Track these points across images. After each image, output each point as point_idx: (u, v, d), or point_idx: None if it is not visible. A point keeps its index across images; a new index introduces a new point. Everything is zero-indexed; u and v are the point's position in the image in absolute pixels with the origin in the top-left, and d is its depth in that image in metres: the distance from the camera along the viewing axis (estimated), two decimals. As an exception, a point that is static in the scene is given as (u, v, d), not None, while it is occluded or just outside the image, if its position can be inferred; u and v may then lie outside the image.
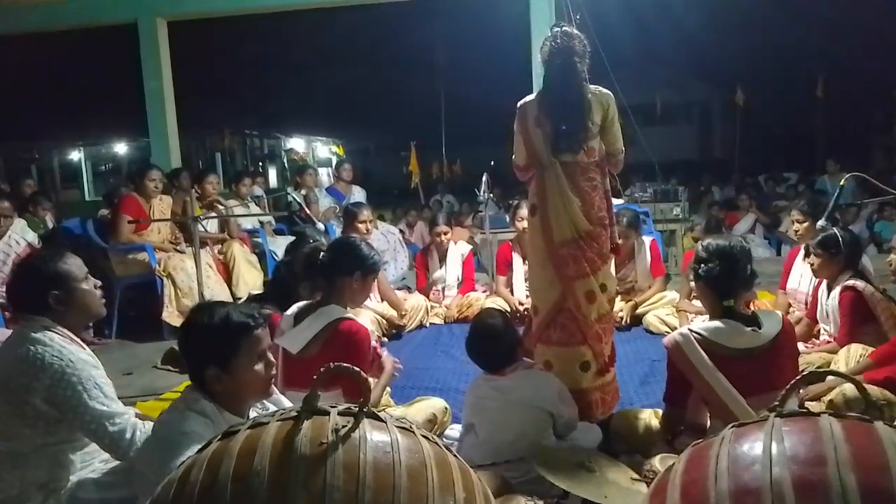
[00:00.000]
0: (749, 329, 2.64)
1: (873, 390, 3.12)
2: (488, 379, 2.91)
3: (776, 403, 1.18)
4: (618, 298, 5.24)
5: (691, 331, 2.68)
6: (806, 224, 4.38)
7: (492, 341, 2.95)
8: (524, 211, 4.66)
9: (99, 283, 2.65)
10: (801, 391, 3.36)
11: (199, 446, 1.29)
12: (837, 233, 3.93)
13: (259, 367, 2.05)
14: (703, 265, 2.74)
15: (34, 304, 2.50)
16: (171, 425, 1.96)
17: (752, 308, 3.44)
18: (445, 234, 6.10)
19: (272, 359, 2.12)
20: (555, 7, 6.42)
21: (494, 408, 2.80)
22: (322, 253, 3.14)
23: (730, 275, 2.72)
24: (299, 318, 3.00)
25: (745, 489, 1.05)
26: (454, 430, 3.25)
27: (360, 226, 5.66)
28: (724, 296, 2.71)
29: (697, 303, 4.56)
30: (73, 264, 2.56)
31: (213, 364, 1.98)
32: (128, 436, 2.38)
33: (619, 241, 5.25)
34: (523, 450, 2.67)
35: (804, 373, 1.29)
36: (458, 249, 6.14)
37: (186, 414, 1.96)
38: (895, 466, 1.03)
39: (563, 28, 3.33)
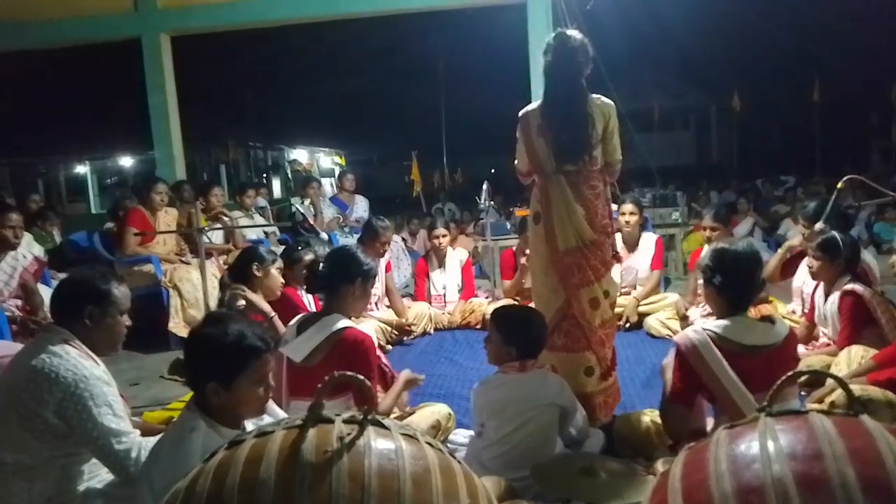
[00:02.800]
0: (762, 323, 2.66)
1: (875, 391, 3.14)
2: (506, 380, 2.86)
3: (765, 403, 1.20)
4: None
5: (705, 329, 2.68)
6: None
7: (531, 321, 2.98)
8: None
9: (130, 323, 2.67)
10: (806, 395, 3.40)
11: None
12: (837, 236, 3.95)
13: (260, 390, 2.06)
14: (716, 276, 2.71)
15: (70, 309, 2.54)
16: (172, 451, 1.97)
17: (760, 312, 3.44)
18: (444, 236, 6.12)
19: (272, 382, 2.13)
20: (552, 17, 6.47)
21: (512, 407, 2.78)
22: (321, 263, 3.18)
23: (745, 286, 2.73)
24: (302, 327, 3.03)
25: (748, 488, 1.06)
26: (458, 436, 3.27)
27: (379, 246, 5.51)
28: (739, 308, 2.71)
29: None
30: (123, 294, 2.61)
31: (216, 379, 1.99)
32: (133, 455, 2.38)
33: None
34: (533, 448, 2.70)
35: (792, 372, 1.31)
36: (456, 256, 6.18)
37: (185, 437, 1.96)
38: (888, 458, 1.05)
39: (565, 34, 3.32)
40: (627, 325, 5.38)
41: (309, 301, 4.50)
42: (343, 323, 2.98)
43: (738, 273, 2.71)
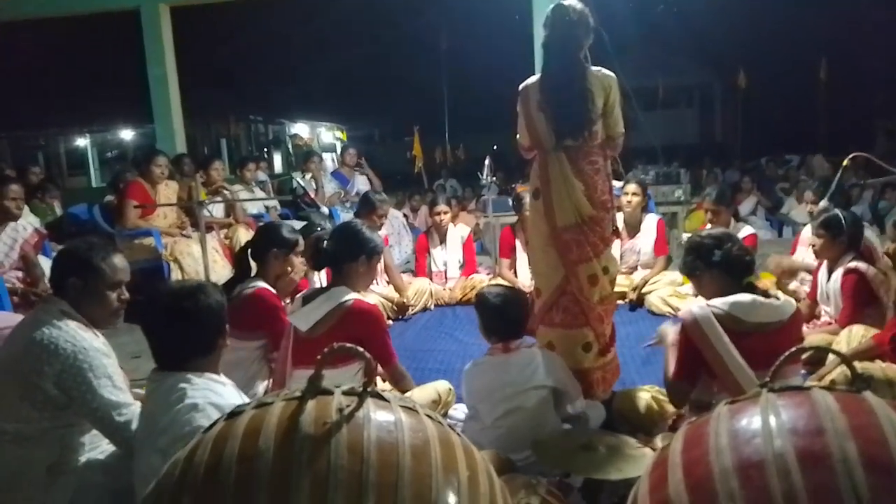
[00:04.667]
0: (768, 301, 2.65)
1: (875, 370, 3.15)
2: (493, 363, 2.89)
3: (767, 379, 1.20)
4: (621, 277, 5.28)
5: (710, 305, 2.67)
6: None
7: (506, 307, 2.95)
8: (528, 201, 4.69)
9: (126, 296, 2.61)
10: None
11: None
12: (840, 213, 3.93)
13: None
14: (715, 252, 2.72)
15: (57, 280, 2.55)
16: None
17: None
18: (445, 213, 6.11)
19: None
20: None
21: (499, 391, 2.80)
22: (325, 240, 3.17)
23: (746, 253, 2.75)
24: (308, 299, 3.03)
25: (748, 462, 1.06)
26: (457, 411, 3.27)
27: (376, 219, 5.49)
28: (747, 273, 2.72)
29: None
30: (109, 265, 2.54)
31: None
32: (133, 427, 2.38)
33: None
34: (528, 431, 2.69)
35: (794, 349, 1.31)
36: (457, 232, 6.16)
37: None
38: (890, 435, 1.05)
39: (564, 5, 3.25)
40: (633, 300, 5.37)
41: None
42: (350, 295, 2.99)
43: (733, 241, 2.76)
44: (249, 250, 3.63)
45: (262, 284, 3.45)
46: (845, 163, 3.99)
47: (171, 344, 2.15)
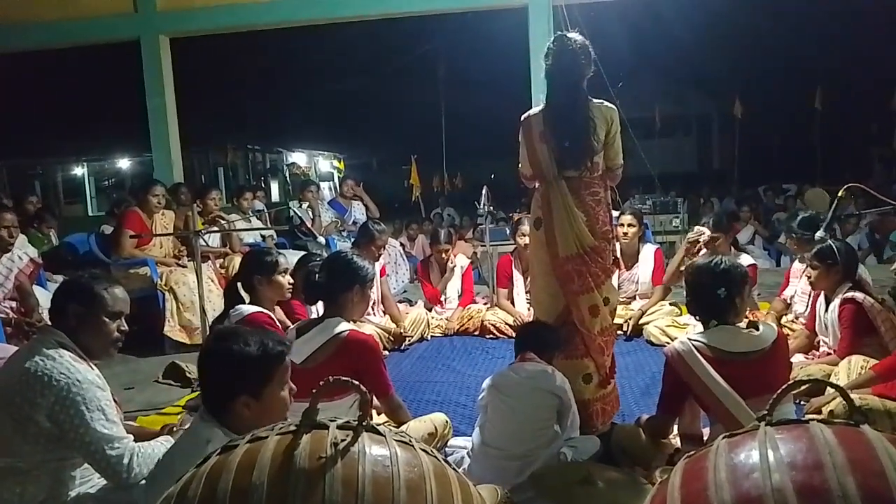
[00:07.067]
0: (746, 330, 2.70)
1: (874, 401, 3.13)
2: (513, 368, 3.06)
3: (764, 412, 1.19)
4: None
5: (690, 339, 2.73)
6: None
7: (546, 328, 3.28)
8: (526, 227, 4.70)
9: (125, 328, 2.60)
10: (805, 404, 3.39)
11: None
12: (833, 244, 3.94)
13: (284, 392, 2.02)
14: (687, 290, 2.91)
15: (58, 307, 2.55)
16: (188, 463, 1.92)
17: (750, 317, 3.44)
18: (447, 251, 6.11)
19: (292, 384, 2.07)
20: (553, 21, 6.47)
21: (509, 380, 2.96)
22: (317, 273, 3.17)
23: (701, 304, 2.83)
24: (302, 330, 3.03)
25: (747, 497, 1.04)
26: (456, 445, 3.25)
27: (374, 249, 5.47)
28: (711, 317, 2.79)
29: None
30: (111, 295, 2.55)
31: (247, 392, 1.93)
32: (125, 461, 2.37)
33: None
34: (526, 426, 2.82)
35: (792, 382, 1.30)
36: (457, 263, 6.16)
37: (202, 448, 1.87)
38: (889, 469, 1.04)
39: (566, 37, 3.30)
40: (627, 332, 5.35)
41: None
42: (345, 325, 2.99)
43: (692, 291, 2.87)
44: (239, 283, 3.69)
45: (256, 309, 3.52)
46: (841, 193, 4.01)
47: (211, 388, 2.04)
